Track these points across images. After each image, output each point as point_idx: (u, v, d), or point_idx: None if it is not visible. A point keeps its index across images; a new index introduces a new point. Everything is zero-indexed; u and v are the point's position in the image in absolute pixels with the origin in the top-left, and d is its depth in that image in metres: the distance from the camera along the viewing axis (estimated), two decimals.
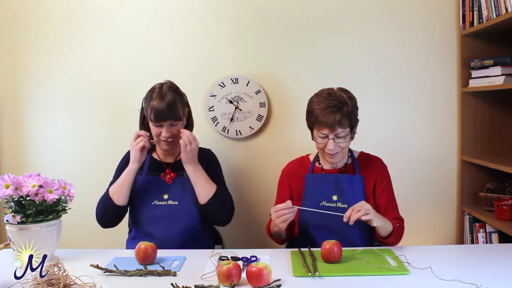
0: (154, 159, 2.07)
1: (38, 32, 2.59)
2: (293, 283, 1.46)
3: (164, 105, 1.90)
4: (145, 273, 1.53)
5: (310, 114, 1.86)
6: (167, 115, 1.91)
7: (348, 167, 1.96)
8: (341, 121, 1.79)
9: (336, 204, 1.89)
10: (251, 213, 2.61)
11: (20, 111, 2.64)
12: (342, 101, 1.82)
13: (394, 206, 1.93)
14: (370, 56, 2.55)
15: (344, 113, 1.80)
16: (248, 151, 2.61)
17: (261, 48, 2.56)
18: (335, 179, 1.93)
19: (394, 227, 1.80)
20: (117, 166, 2.09)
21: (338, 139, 1.83)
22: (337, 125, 1.79)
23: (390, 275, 1.50)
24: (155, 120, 1.92)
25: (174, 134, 1.96)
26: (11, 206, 1.62)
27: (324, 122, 1.80)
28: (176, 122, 1.95)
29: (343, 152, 1.89)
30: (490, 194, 2.43)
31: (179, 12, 2.56)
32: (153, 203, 1.98)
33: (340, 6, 2.53)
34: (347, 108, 1.82)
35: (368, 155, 2.02)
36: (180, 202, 1.97)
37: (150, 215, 1.97)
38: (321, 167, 1.98)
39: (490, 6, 2.22)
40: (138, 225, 2.00)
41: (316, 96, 1.89)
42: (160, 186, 2.00)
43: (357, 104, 1.89)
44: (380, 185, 1.93)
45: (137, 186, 2.00)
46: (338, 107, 1.80)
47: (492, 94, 2.48)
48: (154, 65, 2.58)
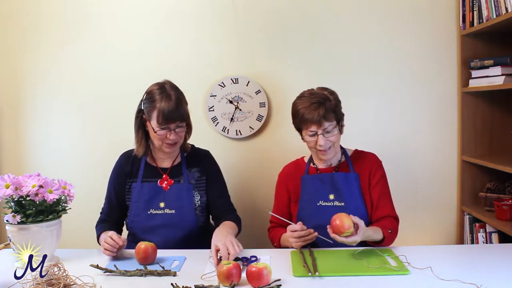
0: (149, 165, 1.98)
1: (38, 33, 2.59)
2: (293, 283, 1.46)
3: (173, 106, 1.81)
4: (145, 273, 1.53)
5: (296, 115, 1.89)
6: (176, 116, 1.83)
7: (342, 165, 1.97)
8: (326, 115, 1.82)
9: (333, 203, 1.90)
10: (251, 213, 2.61)
11: (20, 111, 2.64)
12: (324, 97, 1.86)
13: (387, 202, 1.92)
14: (370, 56, 2.55)
15: (327, 107, 1.83)
16: (248, 151, 2.61)
17: (261, 48, 2.56)
18: (331, 178, 1.93)
19: (385, 235, 1.78)
20: (109, 180, 2.01)
21: (327, 134, 1.84)
22: (323, 119, 1.82)
23: (390, 275, 1.50)
24: (163, 122, 1.82)
25: (180, 137, 1.90)
26: (11, 206, 1.62)
27: (310, 119, 1.82)
28: (183, 123, 1.88)
29: (335, 147, 1.90)
30: (490, 194, 2.43)
31: (179, 12, 2.56)
32: (149, 212, 1.92)
33: (340, 6, 2.53)
34: (330, 102, 1.85)
35: (362, 151, 2.02)
36: (177, 210, 1.92)
37: (147, 224, 1.92)
38: (316, 167, 1.99)
39: (490, 6, 2.22)
40: (135, 233, 1.95)
41: (298, 98, 1.92)
42: (156, 194, 1.93)
43: (339, 98, 1.91)
44: (373, 179, 1.93)
45: (132, 194, 1.95)
46: (320, 103, 1.83)
47: (492, 94, 2.48)
48: (154, 65, 2.58)
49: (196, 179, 1.98)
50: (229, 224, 1.87)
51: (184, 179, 1.96)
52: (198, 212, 1.95)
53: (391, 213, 1.90)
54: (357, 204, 1.89)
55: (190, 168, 1.99)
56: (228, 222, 1.90)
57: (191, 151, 2.04)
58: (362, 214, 1.87)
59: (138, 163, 1.99)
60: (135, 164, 1.99)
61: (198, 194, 1.97)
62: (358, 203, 1.89)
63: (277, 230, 1.97)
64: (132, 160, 2.00)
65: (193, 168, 2.00)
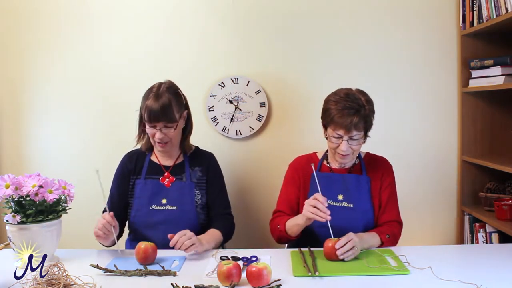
0: (153, 162, 2.03)
1: (37, 33, 2.59)
2: (293, 283, 1.46)
3: (158, 106, 1.85)
4: (145, 273, 1.53)
5: (326, 113, 1.84)
6: (160, 117, 1.87)
7: (356, 167, 1.96)
8: (358, 124, 1.78)
9: (341, 204, 1.89)
10: (251, 213, 2.61)
11: (20, 111, 2.64)
12: (359, 103, 1.80)
13: (394, 207, 1.92)
14: (370, 56, 2.55)
15: (361, 116, 1.78)
16: (248, 151, 2.61)
17: (261, 48, 2.56)
18: (342, 179, 1.92)
19: (383, 240, 1.79)
20: (112, 180, 2.04)
21: (351, 141, 1.81)
22: (353, 128, 1.78)
23: (390, 275, 1.50)
24: (148, 121, 1.88)
25: (168, 137, 1.92)
26: (11, 206, 1.62)
27: (340, 123, 1.78)
28: (171, 124, 1.90)
29: (354, 154, 1.88)
30: (490, 194, 2.43)
31: (179, 12, 2.56)
32: (151, 207, 1.95)
33: (340, 6, 2.53)
34: (364, 111, 1.80)
35: (374, 155, 2.01)
36: (179, 207, 1.95)
37: (149, 220, 1.94)
38: (329, 166, 1.98)
39: (490, 6, 2.22)
40: (137, 229, 1.97)
41: (333, 95, 1.87)
42: (158, 190, 1.97)
43: (374, 108, 1.87)
44: (384, 184, 1.93)
45: (135, 190, 1.98)
46: (356, 110, 1.78)
47: (492, 94, 2.48)
48: (154, 65, 2.58)
49: (198, 178, 2.01)
50: (211, 234, 1.89)
51: (187, 177, 1.98)
52: (199, 210, 1.97)
53: (396, 218, 1.91)
54: (366, 207, 1.88)
55: (193, 167, 2.02)
56: (211, 231, 1.91)
57: (194, 151, 2.07)
58: (369, 218, 1.88)
59: (142, 161, 2.03)
60: (139, 162, 2.03)
61: (199, 193, 1.99)
62: (367, 207, 1.89)
63: (283, 217, 1.92)
64: (136, 158, 2.04)
65: (195, 167, 2.02)
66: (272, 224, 1.95)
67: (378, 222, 1.90)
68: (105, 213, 1.75)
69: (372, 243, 1.76)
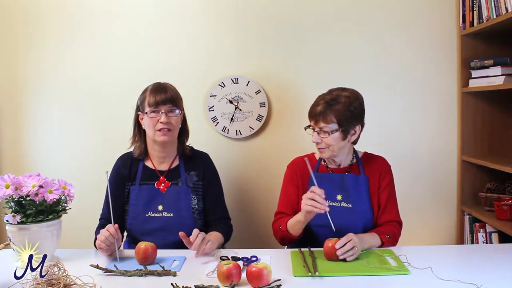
0: (147, 167, 1.98)
1: (37, 33, 2.59)
2: (293, 283, 1.46)
3: (164, 88, 1.87)
4: (145, 273, 1.53)
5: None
6: (166, 98, 1.85)
7: (353, 167, 1.96)
8: (325, 115, 1.80)
9: (340, 204, 1.89)
10: (251, 213, 2.61)
11: (20, 111, 2.64)
12: (334, 97, 1.83)
13: (393, 207, 1.92)
14: (369, 56, 2.55)
15: (331, 109, 1.80)
16: (248, 151, 2.61)
17: (261, 48, 2.56)
18: (340, 179, 1.92)
19: (384, 240, 1.79)
20: (108, 181, 1.98)
21: (323, 134, 1.83)
22: (321, 118, 1.80)
23: (390, 275, 1.50)
24: (153, 105, 1.85)
25: (172, 124, 1.88)
26: (11, 206, 1.62)
27: (309, 112, 1.85)
28: (175, 109, 1.88)
29: (331, 150, 1.86)
30: (490, 194, 2.43)
31: (179, 12, 2.56)
32: (148, 215, 1.92)
33: (340, 7, 2.53)
34: (337, 104, 1.81)
35: (372, 154, 2.01)
36: (175, 213, 1.92)
37: (145, 227, 1.91)
38: (327, 166, 1.97)
39: (490, 6, 2.22)
40: (133, 236, 1.95)
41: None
42: (154, 196, 1.93)
43: (360, 106, 1.87)
44: (382, 183, 1.93)
45: (130, 196, 1.95)
46: (326, 101, 1.81)
47: (492, 94, 2.48)
48: (154, 65, 2.58)
49: (194, 182, 1.98)
50: (214, 235, 1.88)
51: (182, 181, 1.96)
52: (196, 215, 1.95)
53: (395, 218, 1.91)
54: (365, 207, 1.88)
55: (188, 171, 1.99)
56: (214, 233, 1.90)
57: (189, 153, 2.03)
58: (368, 217, 1.88)
59: (136, 166, 1.98)
60: (133, 167, 1.99)
61: (196, 198, 1.97)
62: (366, 206, 1.88)
63: (284, 218, 1.91)
64: (130, 163, 2.00)
65: (191, 171, 1.99)
66: (274, 225, 1.95)
67: (377, 222, 1.90)
68: (109, 225, 1.69)
69: (372, 244, 1.76)
